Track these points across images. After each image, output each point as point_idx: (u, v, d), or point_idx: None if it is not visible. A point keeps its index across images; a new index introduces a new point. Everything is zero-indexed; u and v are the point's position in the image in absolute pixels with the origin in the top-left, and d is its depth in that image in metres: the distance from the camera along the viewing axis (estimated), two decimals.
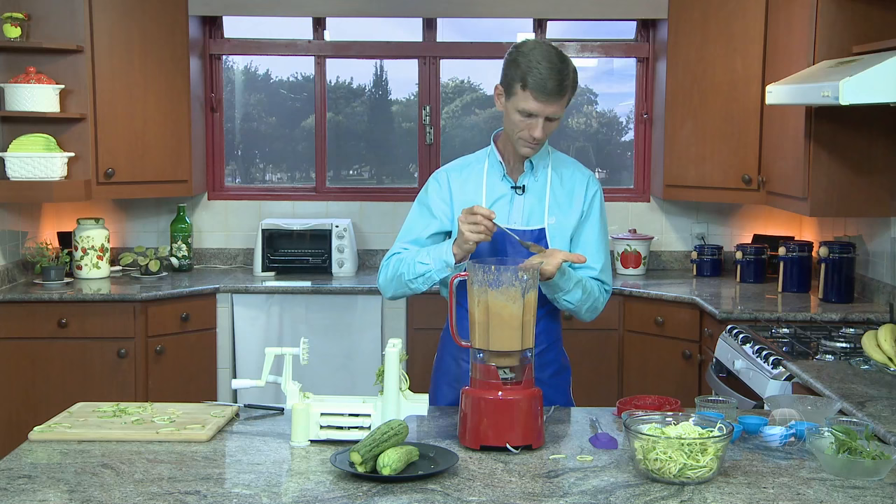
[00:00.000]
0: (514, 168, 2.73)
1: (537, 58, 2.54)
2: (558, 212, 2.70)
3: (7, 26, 4.42)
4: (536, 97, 2.54)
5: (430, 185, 2.79)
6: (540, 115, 2.56)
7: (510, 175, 2.73)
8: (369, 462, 2.02)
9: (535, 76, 2.52)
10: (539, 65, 2.52)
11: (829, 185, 3.94)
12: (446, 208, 2.73)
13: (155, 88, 4.80)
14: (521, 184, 2.71)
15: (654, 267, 5.22)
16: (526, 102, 2.55)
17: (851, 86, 3.08)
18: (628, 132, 5.48)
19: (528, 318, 2.27)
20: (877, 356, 3.03)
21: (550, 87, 2.52)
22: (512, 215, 2.70)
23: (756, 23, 4.50)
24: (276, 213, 5.24)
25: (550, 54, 2.55)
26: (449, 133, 5.45)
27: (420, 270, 2.61)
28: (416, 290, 2.66)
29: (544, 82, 2.52)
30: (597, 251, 2.73)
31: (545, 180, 2.72)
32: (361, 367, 4.64)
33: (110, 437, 2.30)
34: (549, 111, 2.56)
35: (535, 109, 2.55)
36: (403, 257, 2.68)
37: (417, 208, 2.79)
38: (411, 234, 2.76)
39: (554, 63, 2.54)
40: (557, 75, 2.53)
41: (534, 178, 2.72)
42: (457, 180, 2.75)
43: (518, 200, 2.71)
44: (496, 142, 2.78)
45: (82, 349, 4.40)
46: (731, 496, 1.94)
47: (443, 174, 2.78)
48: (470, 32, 5.37)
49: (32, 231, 4.87)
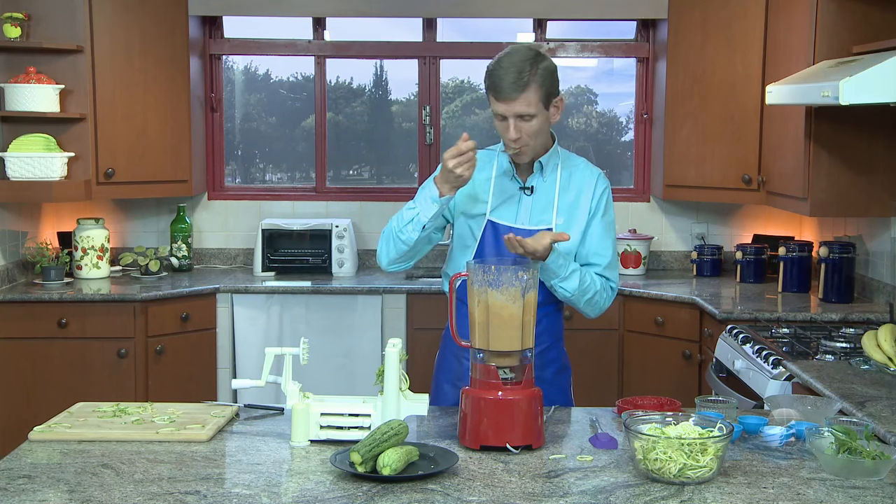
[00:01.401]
0: (523, 168, 2.74)
1: (500, 60, 2.57)
2: (567, 212, 2.71)
3: (7, 26, 4.42)
4: (497, 97, 2.57)
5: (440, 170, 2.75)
6: (508, 115, 2.57)
7: (519, 175, 2.73)
8: (369, 462, 2.02)
9: (493, 77, 2.56)
10: (499, 66, 2.56)
11: (829, 185, 3.94)
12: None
13: (155, 88, 4.80)
14: (530, 184, 2.72)
15: (654, 267, 5.22)
16: (494, 105, 2.59)
17: (851, 86, 3.08)
18: (628, 132, 5.48)
19: (528, 318, 2.27)
20: (877, 356, 3.03)
21: (506, 84, 2.54)
22: (520, 215, 2.70)
23: (756, 23, 4.50)
24: (276, 213, 5.24)
25: (514, 54, 2.57)
26: (449, 133, 5.45)
27: (408, 216, 2.64)
28: (409, 242, 2.64)
29: (500, 81, 2.55)
30: (602, 248, 2.73)
31: (554, 181, 2.72)
32: (361, 367, 4.64)
33: (110, 437, 2.30)
34: (516, 109, 2.56)
35: (500, 111, 2.58)
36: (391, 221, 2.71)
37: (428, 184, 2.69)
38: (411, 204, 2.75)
39: (514, 61, 2.54)
40: (514, 72, 2.53)
41: (542, 179, 2.72)
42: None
43: (526, 201, 2.71)
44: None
45: (82, 349, 4.40)
46: (731, 496, 1.94)
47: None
48: (470, 32, 5.37)
49: (32, 231, 4.87)
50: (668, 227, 5.26)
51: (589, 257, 2.73)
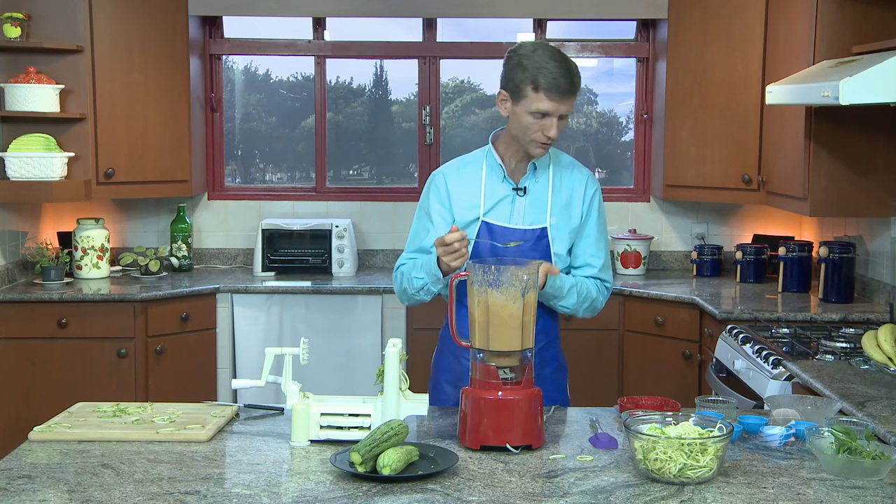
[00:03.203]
0: (514, 170, 2.74)
1: (544, 58, 2.57)
2: (560, 212, 2.73)
3: (7, 26, 4.42)
4: (550, 97, 2.56)
5: (428, 189, 2.80)
6: (554, 114, 2.58)
7: (511, 177, 2.73)
8: (369, 462, 2.02)
9: (547, 76, 2.55)
10: (548, 64, 2.55)
11: (829, 185, 3.94)
12: (445, 212, 2.74)
13: (155, 88, 4.80)
14: (523, 185, 2.73)
15: (654, 267, 5.22)
16: (540, 103, 2.57)
17: (851, 86, 3.08)
18: (628, 132, 5.48)
19: (528, 318, 2.27)
20: (877, 356, 3.03)
21: (563, 84, 2.55)
22: (514, 216, 2.71)
23: (756, 23, 4.50)
24: (276, 213, 5.24)
25: (554, 54, 2.59)
26: (449, 133, 5.45)
27: (418, 284, 2.67)
28: (425, 300, 2.72)
29: (557, 81, 2.55)
30: (596, 250, 2.77)
31: (546, 181, 2.73)
32: (361, 367, 4.64)
33: (110, 437, 2.30)
34: (563, 109, 2.59)
35: (549, 109, 2.57)
36: (404, 271, 2.73)
37: (418, 215, 2.82)
38: (415, 242, 2.80)
39: (561, 62, 2.57)
40: (568, 73, 2.57)
41: (535, 180, 2.73)
42: (454, 181, 2.76)
43: (519, 202, 2.72)
44: (494, 143, 2.78)
45: (82, 349, 4.40)
46: (731, 496, 1.94)
47: (440, 177, 2.79)
48: (470, 32, 5.37)
49: (32, 231, 4.87)
50: (668, 227, 5.26)
51: (584, 261, 2.78)
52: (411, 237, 2.82)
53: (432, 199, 2.77)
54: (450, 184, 2.75)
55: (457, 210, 2.73)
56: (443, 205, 2.74)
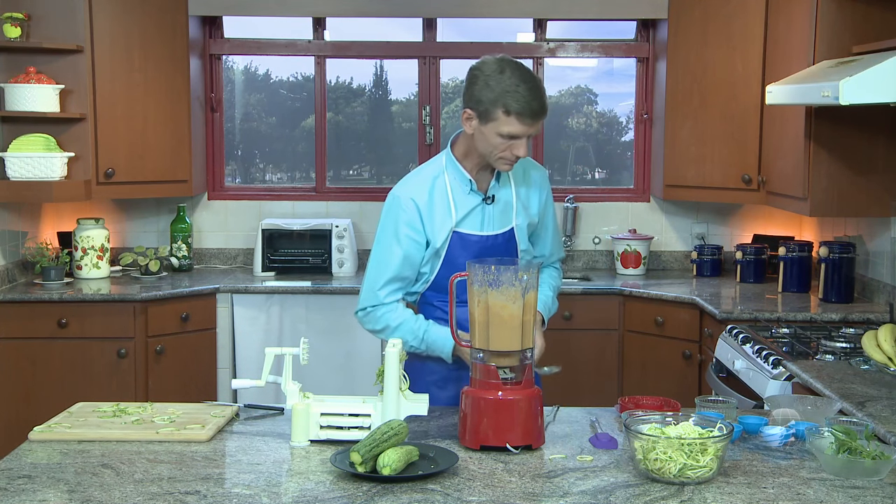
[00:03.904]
0: (478, 177, 2.72)
1: (513, 80, 2.50)
2: (523, 212, 2.78)
3: (7, 26, 4.42)
4: (523, 121, 2.51)
5: (396, 213, 2.67)
6: (525, 135, 2.55)
7: (478, 188, 2.72)
8: (369, 462, 2.02)
9: (520, 101, 2.49)
10: (519, 87, 2.49)
11: (829, 185, 3.94)
12: (419, 237, 2.67)
13: (155, 88, 4.80)
14: (491, 194, 2.73)
15: (654, 267, 5.22)
16: (510, 127, 2.52)
17: (851, 86, 3.08)
18: (628, 132, 5.48)
19: (528, 318, 2.27)
20: (877, 356, 3.03)
21: (536, 108, 2.52)
22: (485, 224, 2.72)
23: (756, 23, 4.50)
24: (276, 213, 5.24)
25: (524, 74, 2.53)
26: (449, 133, 5.45)
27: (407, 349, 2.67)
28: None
29: (530, 104, 2.50)
30: (555, 241, 2.92)
31: (509, 186, 2.76)
32: (361, 367, 4.64)
33: (110, 437, 2.30)
34: (533, 130, 2.57)
35: (520, 132, 2.53)
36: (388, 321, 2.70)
37: (390, 241, 2.67)
38: (388, 271, 2.68)
39: (530, 83, 2.52)
40: (538, 94, 2.53)
41: (499, 186, 2.74)
42: (422, 200, 2.67)
43: (489, 210, 2.73)
44: (453, 147, 2.72)
45: (82, 349, 4.39)
46: (731, 496, 1.94)
47: (406, 199, 2.67)
48: (470, 32, 5.37)
49: (32, 231, 4.87)
50: (668, 227, 5.26)
51: (547, 252, 2.91)
52: (378, 266, 2.69)
53: (402, 224, 2.66)
54: (421, 207, 2.67)
55: (429, 231, 2.67)
56: (415, 229, 2.66)
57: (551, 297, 2.88)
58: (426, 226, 2.67)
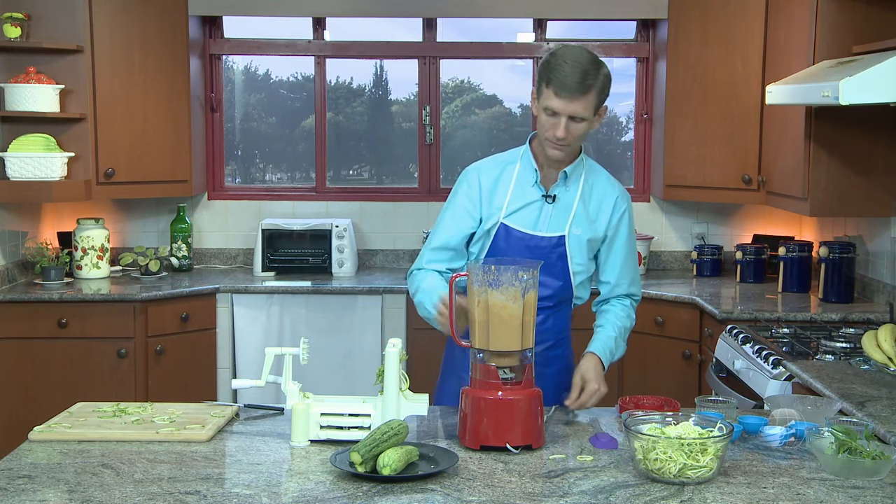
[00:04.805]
0: (547, 175, 2.71)
1: (564, 57, 2.54)
2: (584, 225, 2.70)
3: (7, 26, 4.42)
4: (558, 94, 2.53)
5: (460, 185, 2.77)
6: (562, 113, 2.54)
7: (542, 182, 2.71)
8: (369, 462, 2.02)
9: (558, 73, 2.52)
10: (564, 63, 2.52)
11: (829, 185, 3.94)
12: (475, 210, 2.71)
13: (155, 88, 4.80)
14: (553, 193, 2.70)
15: (654, 267, 5.22)
16: (549, 100, 2.55)
17: (851, 86, 3.08)
18: (628, 132, 5.48)
19: (528, 319, 2.27)
20: (877, 356, 3.03)
21: (570, 83, 2.51)
22: (539, 224, 2.69)
23: (756, 23, 4.50)
24: (276, 213, 5.24)
25: (579, 54, 2.55)
26: (449, 133, 5.45)
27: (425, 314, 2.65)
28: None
29: (565, 79, 2.51)
30: (625, 270, 2.78)
31: (576, 191, 2.71)
32: (361, 367, 4.64)
33: (110, 437, 2.30)
34: (571, 109, 2.54)
35: (557, 107, 2.54)
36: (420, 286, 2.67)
37: (448, 210, 2.76)
38: (440, 236, 2.74)
39: (579, 62, 2.52)
40: (580, 73, 2.51)
41: (565, 188, 2.70)
42: (488, 180, 2.72)
43: (547, 209, 2.70)
44: (531, 143, 2.75)
45: (82, 349, 4.39)
46: (731, 496, 1.94)
47: (474, 174, 2.75)
48: (470, 32, 5.37)
49: (32, 231, 4.87)
50: (668, 227, 5.26)
51: (612, 279, 2.79)
52: (436, 230, 2.76)
53: (462, 195, 2.74)
54: (483, 181, 2.72)
55: (485, 209, 2.71)
56: (472, 202, 2.72)
57: (613, 338, 2.73)
58: (483, 204, 2.71)
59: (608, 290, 2.81)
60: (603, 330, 2.75)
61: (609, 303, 2.82)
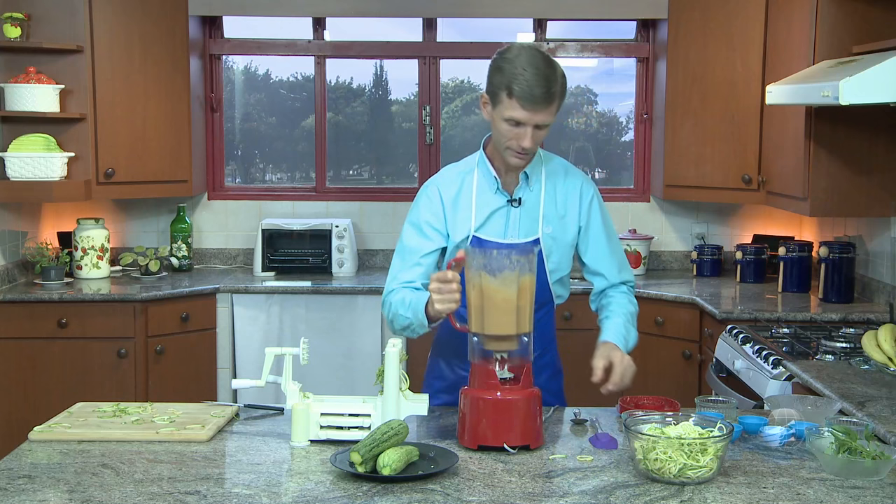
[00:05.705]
0: (507, 180, 2.64)
1: (523, 64, 2.43)
2: (555, 222, 2.64)
3: (7, 26, 4.42)
4: (523, 105, 2.43)
5: (420, 201, 2.68)
6: (528, 123, 2.45)
7: (505, 188, 2.64)
8: (369, 462, 2.02)
9: (521, 83, 2.41)
10: (525, 71, 2.42)
11: (829, 185, 3.94)
12: (440, 225, 2.64)
13: (155, 88, 4.80)
14: (518, 196, 2.63)
15: (654, 267, 5.22)
16: (513, 111, 2.45)
17: (851, 86, 3.08)
18: (628, 132, 5.48)
19: (524, 303, 2.24)
20: (877, 356, 3.03)
21: (537, 94, 2.42)
22: (509, 230, 2.63)
23: (756, 23, 4.50)
24: (276, 213, 5.24)
25: (536, 59, 2.44)
26: (449, 133, 5.45)
27: (404, 323, 2.53)
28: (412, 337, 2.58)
29: (531, 89, 2.41)
30: (609, 256, 2.71)
31: (539, 190, 2.64)
32: (361, 367, 4.64)
33: (110, 437, 2.30)
34: (537, 119, 2.45)
35: (522, 118, 2.45)
36: (393, 301, 2.57)
37: (410, 230, 2.66)
38: (407, 258, 2.64)
39: (540, 69, 2.43)
40: (544, 82, 2.42)
41: (529, 189, 2.64)
42: (448, 193, 2.65)
43: (514, 214, 2.63)
44: (486, 148, 2.67)
45: (82, 349, 4.39)
46: (731, 496, 1.94)
47: (433, 188, 2.67)
48: (470, 32, 5.37)
49: (32, 231, 4.87)
50: (668, 227, 5.26)
51: (599, 270, 2.72)
52: (400, 253, 2.65)
53: (426, 211, 2.65)
54: (444, 195, 2.64)
55: (450, 223, 2.63)
56: (436, 216, 2.64)
57: (622, 323, 2.65)
58: (448, 219, 2.63)
59: (601, 283, 2.74)
60: (609, 320, 2.67)
61: (606, 295, 2.76)
